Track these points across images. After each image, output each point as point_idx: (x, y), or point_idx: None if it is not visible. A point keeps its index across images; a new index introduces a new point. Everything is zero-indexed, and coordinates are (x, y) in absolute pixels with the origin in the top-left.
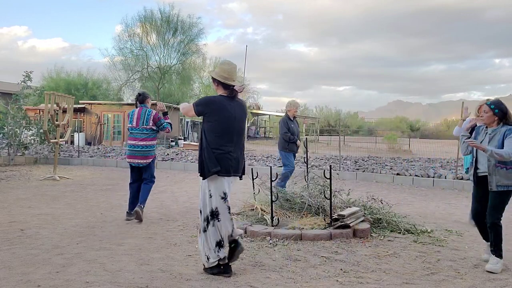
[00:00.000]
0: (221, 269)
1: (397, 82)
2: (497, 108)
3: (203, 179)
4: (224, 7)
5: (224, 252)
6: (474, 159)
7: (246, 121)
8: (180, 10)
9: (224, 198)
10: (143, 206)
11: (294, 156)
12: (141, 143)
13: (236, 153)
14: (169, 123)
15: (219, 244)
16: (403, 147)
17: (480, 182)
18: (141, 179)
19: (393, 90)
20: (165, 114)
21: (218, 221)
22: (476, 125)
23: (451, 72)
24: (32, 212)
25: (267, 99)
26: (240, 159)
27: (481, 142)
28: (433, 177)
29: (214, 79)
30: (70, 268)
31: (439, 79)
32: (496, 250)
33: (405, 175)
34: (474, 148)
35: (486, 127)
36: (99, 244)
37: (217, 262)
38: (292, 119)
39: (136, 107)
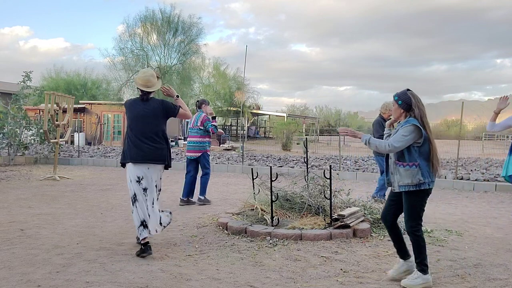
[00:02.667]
0: (142, 249)
1: (399, 82)
2: (400, 100)
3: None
4: (226, 7)
5: (147, 232)
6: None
7: (159, 117)
8: (181, 10)
9: (138, 181)
10: (203, 197)
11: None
12: (193, 139)
13: (146, 143)
14: (213, 125)
15: (143, 224)
16: None
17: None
18: (196, 171)
19: (394, 90)
20: (213, 118)
21: (134, 205)
22: None
23: (452, 72)
24: (32, 212)
25: (267, 99)
26: (152, 148)
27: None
28: None
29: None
30: (70, 268)
31: (440, 79)
32: (418, 263)
33: None
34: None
35: None
36: (99, 244)
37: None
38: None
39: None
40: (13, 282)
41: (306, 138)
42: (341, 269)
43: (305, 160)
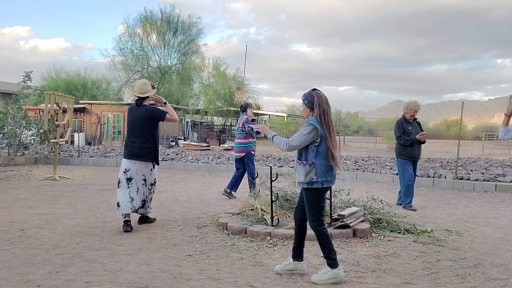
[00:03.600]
0: (123, 225)
1: (399, 82)
2: (306, 100)
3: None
4: (227, 7)
5: (121, 211)
6: None
7: (147, 122)
8: (181, 10)
9: (125, 172)
10: (228, 190)
11: (415, 163)
12: (237, 140)
13: (135, 142)
14: (250, 127)
15: (118, 205)
16: None
17: None
18: (243, 168)
19: (395, 90)
20: (252, 120)
21: (118, 187)
22: None
23: (453, 72)
24: (32, 212)
25: (267, 99)
26: (138, 147)
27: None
28: (433, 177)
29: None
30: (70, 268)
31: (440, 79)
32: (325, 257)
33: None
34: None
35: None
36: (99, 244)
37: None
38: (411, 121)
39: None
40: (13, 282)
41: None
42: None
43: None
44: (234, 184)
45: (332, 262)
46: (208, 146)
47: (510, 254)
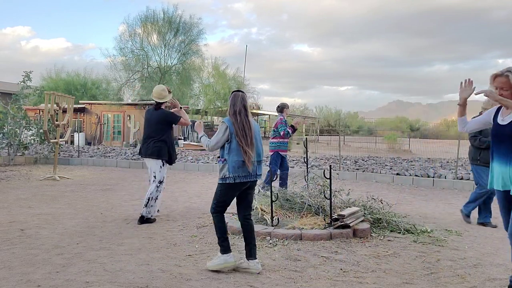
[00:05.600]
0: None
1: (400, 82)
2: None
3: None
4: (229, 7)
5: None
6: None
7: (161, 123)
8: (183, 10)
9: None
10: (263, 185)
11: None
12: (270, 140)
13: (149, 142)
14: (283, 128)
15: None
16: (403, 147)
17: None
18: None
19: (395, 90)
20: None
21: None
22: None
23: (454, 72)
24: (32, 212)
25: (268, 99)
26: (149, 146)
27: None
28: (433, 177)
29: None
30: (70, 268)
31: (441, 79)
32: (218, 243)
33: (405, 175)
34: None
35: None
36: (99, 244)
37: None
38: None
39: None
40: (13, 282)
41: (306, 138)
42: (341, 269)
43: (305, 160)
44: (269, 181)
45: (221, 248)
46: None
47: (510, 254)
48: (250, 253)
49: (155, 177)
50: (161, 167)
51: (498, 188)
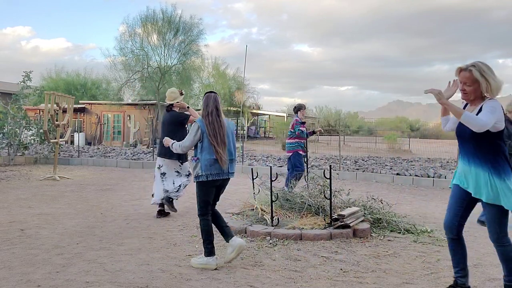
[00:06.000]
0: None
1: (400, 82)
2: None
3: None
4: (229, 7)
5: (153, 201)
6: None
7: (173, 124)
8: (182, 10)
9: (159, 167)
10: (288, 188)
11: None
12: (287, 141)
13: (162, 143)
14: (299, 129)
15: (152, 195)
16: (403, 147)
17: None
18: (292, 167)
19: (395, 90)
20: (303, 123)
21: (155, 181)
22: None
23: (454, 72)
24: (32, 212)
25: (268, 99)
26: (164, 147)
27: None
28: (433, 177)
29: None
30: (70, 268)
31: (441, 79)
32: (203, 245)
33: (405, 175)
34: None
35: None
36: (99, 244)
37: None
38: None
39: None
40: (13, 282)
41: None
42: (341, 269)
43: (305, 160)
44: (287, 184)
45: (205, 250)
46: None
47: None
48: (227, 233)
49: (178, 172)
50: (180, 164)
51: (457, 183)
